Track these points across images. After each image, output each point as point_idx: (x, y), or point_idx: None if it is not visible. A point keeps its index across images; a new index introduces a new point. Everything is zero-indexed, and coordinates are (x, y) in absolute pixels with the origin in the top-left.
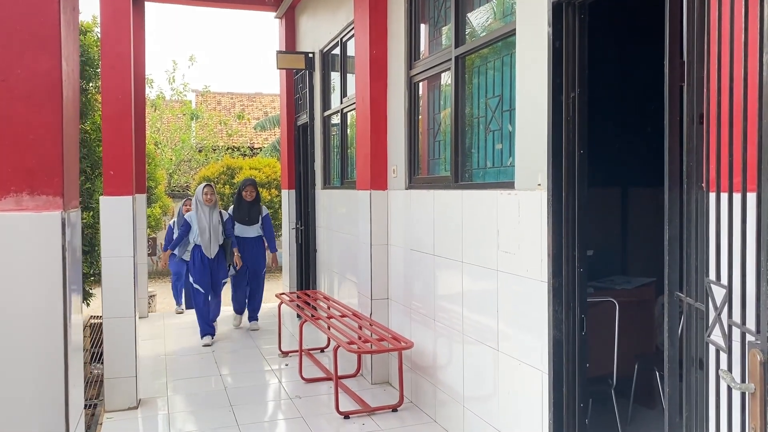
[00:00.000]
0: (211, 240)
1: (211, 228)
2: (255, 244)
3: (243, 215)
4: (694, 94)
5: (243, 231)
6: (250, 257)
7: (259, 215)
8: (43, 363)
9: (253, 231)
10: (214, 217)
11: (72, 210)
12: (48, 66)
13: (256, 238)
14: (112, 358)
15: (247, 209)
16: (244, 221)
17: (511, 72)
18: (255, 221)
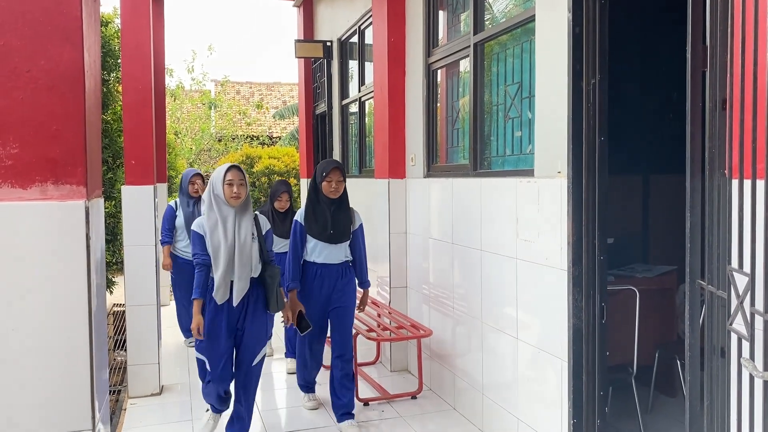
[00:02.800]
0: (237, 272)
1: (238, 248)
2: (333, 274)
3: (316, 224)
4: (717, 79)
5: (328, 255)
6: (321, 301)
7: (349, 226)
8: (69, 349)
9: (340, 253)
10: (243, 229)
11: (95, 199)
12: (71, 57)
13: (335, 267)
14: (135, 346)
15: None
16: (328, 238)
17: (531, 58)
18: (343, 237)
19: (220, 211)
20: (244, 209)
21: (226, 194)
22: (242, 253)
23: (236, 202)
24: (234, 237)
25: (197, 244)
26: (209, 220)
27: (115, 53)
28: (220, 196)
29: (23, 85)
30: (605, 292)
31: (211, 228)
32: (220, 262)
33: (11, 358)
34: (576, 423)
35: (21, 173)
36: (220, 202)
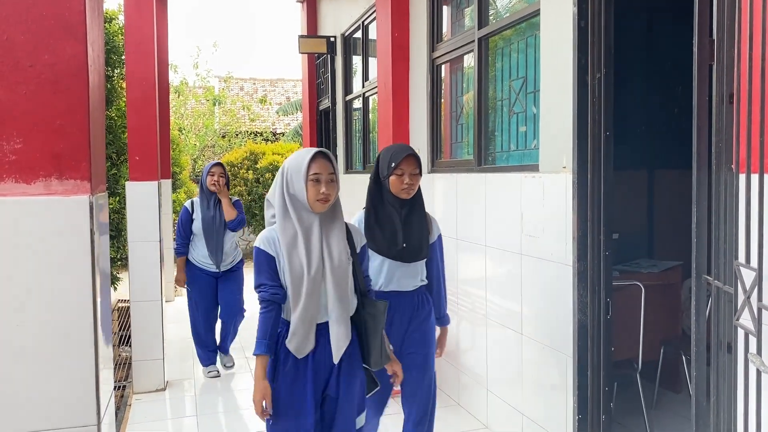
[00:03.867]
0: (333, 310)
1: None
2: (407, 307)
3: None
4: (724, 73)
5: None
6: None
7: (427, 237)
8: (73, 345)
9: (414, 275)
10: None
11: (99, 194)
12: (74, 51)
13: (409, 295)
14: (139, 341)
15: None
16: (399, 254)
17: (536, 53)
18: (419, 253)
19: (301, 220)
20: (332, 216)
21: (310, 196)
22: (337, 281)
23: (324, 207)
24: (322, 257)
25: (264, 271)
26: (285, 234)
27: (119, 49)
28: (301, 199)
29: (26, 79)
30: (610, 287)
31: (288, 245)
32: (302, 295)
33: (15, 354)
34: (581, 419)
35: (25, 168)
36: (299, 207)
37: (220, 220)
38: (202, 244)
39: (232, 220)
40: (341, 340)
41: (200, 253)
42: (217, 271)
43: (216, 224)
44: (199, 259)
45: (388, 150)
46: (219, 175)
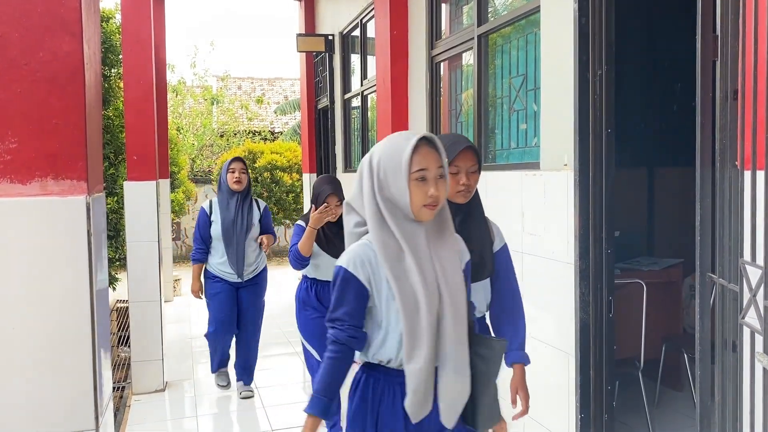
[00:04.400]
0: (452, 352)
1: (448, 300)
2: None
3: None
4: (728, 69)
5: None
6: None
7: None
8: (71, 347)
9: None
10: (447, 261)
11: (96, 194)
12: (70, 49)
13: None
14: (138, 342)
15: None
16: None
17: (536, 50)
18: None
19: (404, 233)
20: (441, 225)
21: (414, 200)
22: (456, 315)
23: (432, 214)
24: (437, 284)
25: (347, 303)
26: (386, 252)
27: (116, 49)
28: (401, 204)
29: (21, 77)
30: (612, 285)
31: (393, 268)
32: (422, 338)
33: (11, 356)
34: (583, 417)
35: (20, 168)
36: (399, 215)
37: (242, 223)
38: (221, 251)
39: None
40: (458, 398)
41: (219, 260)
42: (239, 281)
43: (238, 228)
44: (218, 267)
45: None
46: (240, 172)
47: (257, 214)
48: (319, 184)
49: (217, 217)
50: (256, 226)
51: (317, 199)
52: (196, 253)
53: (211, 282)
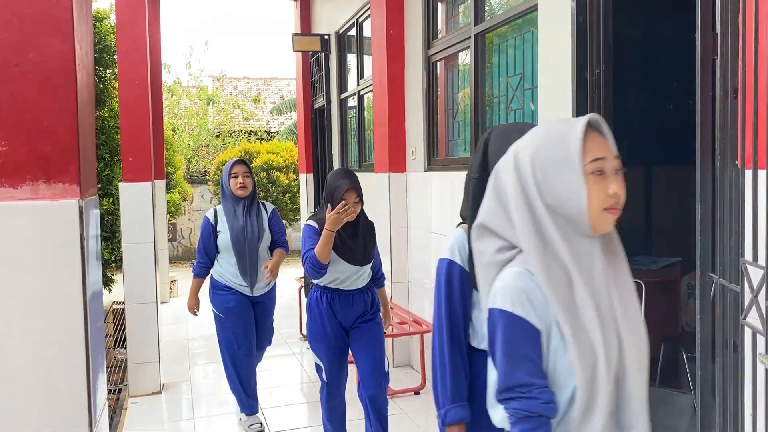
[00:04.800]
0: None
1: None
2: None
3: None
4: (728, 67)
5: None
6: None
7: None
8: (64, 352)
9: None
10: (625, 289)
11: (89, 197)
12: (61, 50)
13: None
14: (135, 344)
15: None
16: None
17: (533, 49)
18: None
19: (575, 253)
20: (612, 242)
21: (593, 203)
22: (641, 362)
23: (612, 222)
24: (615, 316)
25: (524, 358)
26: (554, 282)
27: (111, 49)
28: (574, 213)
29: (12, 79)
30: None
31: (562, 299)
32: (599, 395)
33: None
34: None
35: (11, 171)
36: (568, 231)
37: (252, 231)
38: (232, 262)
39: None
40: None
41: (231, 270)
42: (250, 294)
43: (248, 237)
44: (231, 277)
45: (508, 132)
46: (244, 175)
47: (265, 219)
48: (334, 179)
49: (224, 227)
50: (267, 232)
51: (333, 196)
52: (198, 268)
53: (223, 294)
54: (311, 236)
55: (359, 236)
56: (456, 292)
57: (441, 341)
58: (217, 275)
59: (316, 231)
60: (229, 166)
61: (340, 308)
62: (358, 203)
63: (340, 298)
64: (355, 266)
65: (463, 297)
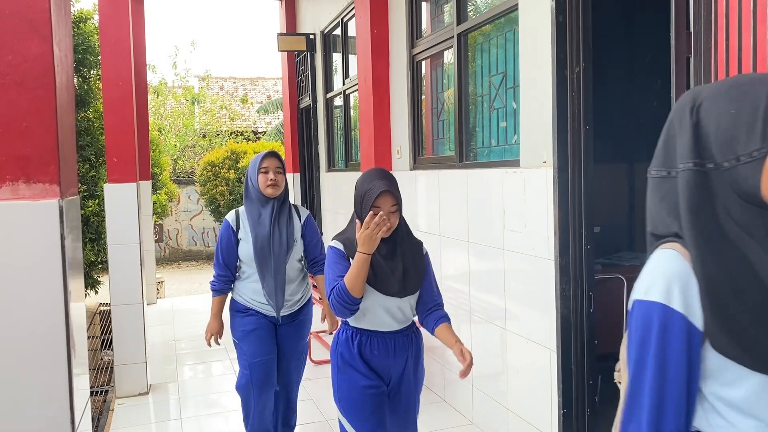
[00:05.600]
0: None
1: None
2: None
3: None
4: (702, 65)
5: None
6: None
7: None
8: (45, 353)
9: None
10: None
11: (70, 197)
12: (39, 51)
13: None
14: (121, 345)
15: None
16: None
17: (515, 48)
18: None
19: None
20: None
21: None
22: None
23: None
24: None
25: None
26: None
27: (94, 50)
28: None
29: None
30: (593, 281)
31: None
32: None
33: None
34: (566, 413)
35: None
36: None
37: (280, 241)
38: (253, 278)
39: None
40: None
41: (251, 288)
42: (274, 315)
43: (275, 248)
44: (251, 297)
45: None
46: (276, 171)
47: (298, 227)
48: (364, 182)
49: (246, 234)
50: (298, 243)
51: (362, 204)
52: (218, 282)
53: (242, 316)
54: (337, 261)
55: (397, 257)
56: (676, 362)
57: None
58: (237, 295)
59: (343, 254)
60: (258, 159)
61: (377, 356)
62: (395, 212)
63: (377, 342)
64: (391, 298)
65: (690, 368)
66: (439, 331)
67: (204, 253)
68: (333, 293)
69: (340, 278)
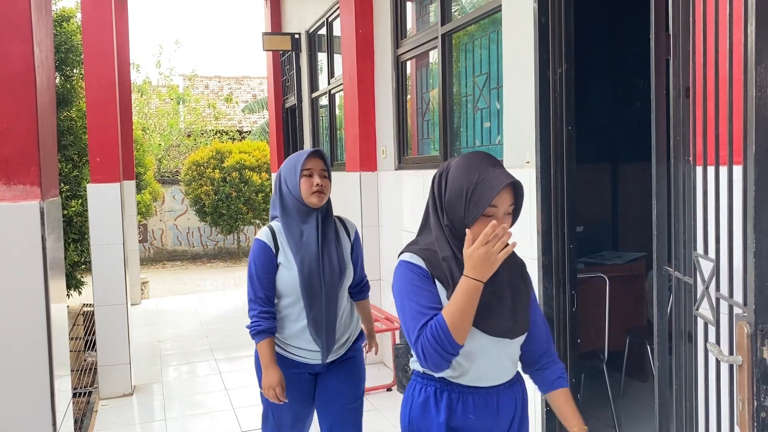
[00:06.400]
0: None
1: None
2: None
3: None
4: (680, 67)
5: None
6: None
7: None
8: (26, 354)
9: None
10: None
11: (51, 199)
12: (20, 52)
13: None
14: (105, 346)
15: None
16: None
17: (498, 49)
18: None
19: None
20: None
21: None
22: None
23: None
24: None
25: None
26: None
27: (77, 49)
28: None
29: None
30: (575, 280)
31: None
32: None
33: None
34: (549, 411)
35: None
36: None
37: (331, 264)
38: (293, 315)
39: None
40: None
41: (290, 329)
42: (318, 363)
43: (326, 274)
44: (288, 342)
45: None
46: (321, 174)
47: (347, 245)
48: (472, 168)
49: (287, 257)
50: (350, 266)
51: (471, 201)
52: (261, 321)
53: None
54: (420, 285)
55: (503, 282)
56: None
57: None
58: (278, 340)
59: (426, 274)
60: (300, 159)
61: (472, 421)
62: (509, 216)
63: (473, 402)
64: (499, 340)
65: None
66: (556, 397)
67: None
68: (426, 337)
69: (432, 312)
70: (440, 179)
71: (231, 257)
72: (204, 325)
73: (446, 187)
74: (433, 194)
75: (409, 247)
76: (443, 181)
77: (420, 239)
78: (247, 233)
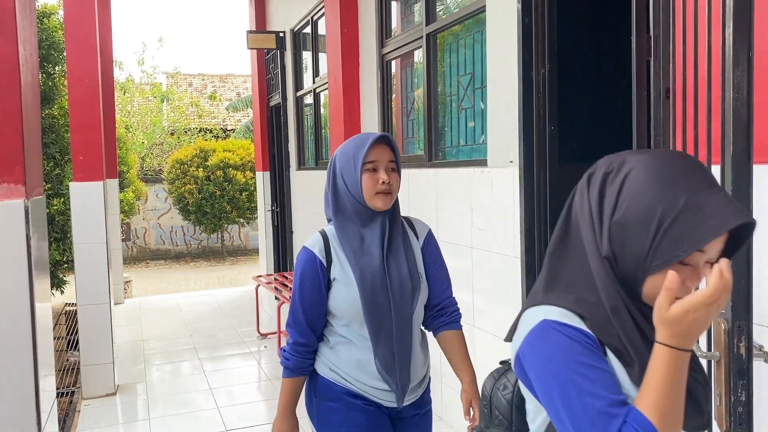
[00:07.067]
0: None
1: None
2: None
3: None
4: (661, 68)
5: None
6: None
7: None
8: (10, 353)
9: None
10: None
11: (35, 197)
12: (4, 51)
13: None
14: (88, 345)
15: None
16: None
17: (483, 49)
18: None
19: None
20: None
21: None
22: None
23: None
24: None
25: None
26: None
27: (59, 46)
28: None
29: None
30: None
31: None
32: None
33: None
34: None
35: None
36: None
37: (400, 277)
38: (356, 342)
39: None
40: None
41: (353, 359)
42: (395, 406)
43: (395, 290)
44: (353, 375)
45: None
46: (388, 169)
47: (419, 253)
48: (682, 185)
49: (344, 270)
50: (423, 278)
51: (671, 242)
52: (295, 356)
53: (339, 407)
54: (592, 365)
55: None
56: None
57: None
58: (324, 366)
59: (591, 343)
60: (363, 149)
61: None
62: (710, 265)
63: None
64: None
65: None
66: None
67: (172, 252)
68: None
69: (619, 407)
70: (605, 183)
71: (215, 256)
72: (188, 324)
73: (619, 199)
74: (588, 204)
75: (551, 299)
76: (614, 188)
77: (566, 285)
78: (231, 232)
